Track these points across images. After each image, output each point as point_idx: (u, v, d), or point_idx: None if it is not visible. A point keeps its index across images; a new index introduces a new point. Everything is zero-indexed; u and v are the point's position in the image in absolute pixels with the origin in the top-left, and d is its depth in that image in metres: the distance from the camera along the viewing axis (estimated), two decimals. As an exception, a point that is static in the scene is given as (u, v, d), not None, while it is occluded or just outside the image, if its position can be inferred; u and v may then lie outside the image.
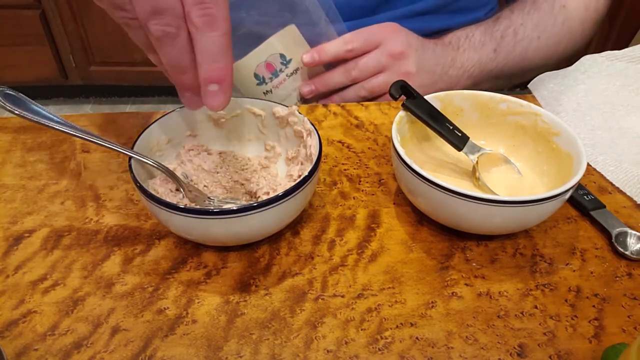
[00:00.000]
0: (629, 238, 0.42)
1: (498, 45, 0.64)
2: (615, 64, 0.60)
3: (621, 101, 0.57)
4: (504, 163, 0.48)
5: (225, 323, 0.36)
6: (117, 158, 0.51)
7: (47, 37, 1.81)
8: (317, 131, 0.42)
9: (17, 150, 0.52)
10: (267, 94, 0.63)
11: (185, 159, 0.46)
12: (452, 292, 0.39)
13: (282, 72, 0.62)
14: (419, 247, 0.42)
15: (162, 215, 0.37)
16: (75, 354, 0.34)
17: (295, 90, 0.64)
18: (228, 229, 0.36)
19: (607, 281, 0.40)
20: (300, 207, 0.40)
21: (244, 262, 0.41)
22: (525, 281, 0.40)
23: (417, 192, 0.41)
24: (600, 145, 0.52)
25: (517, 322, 0.37)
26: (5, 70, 1.89)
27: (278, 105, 0.45)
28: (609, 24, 1.75)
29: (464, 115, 0.49)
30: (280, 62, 0.62)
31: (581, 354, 0.35)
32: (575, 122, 0.55)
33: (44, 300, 0.38)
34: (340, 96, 0.64)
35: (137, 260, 0.41)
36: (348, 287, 0.39)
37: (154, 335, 0.35)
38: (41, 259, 0.41)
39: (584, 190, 0.46)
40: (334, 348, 0.35)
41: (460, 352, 0.35)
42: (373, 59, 0.61)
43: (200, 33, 0.34)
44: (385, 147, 0.53)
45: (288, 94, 0.64)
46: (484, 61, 0.64)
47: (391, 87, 0.45)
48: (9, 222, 0.44)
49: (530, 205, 0.37)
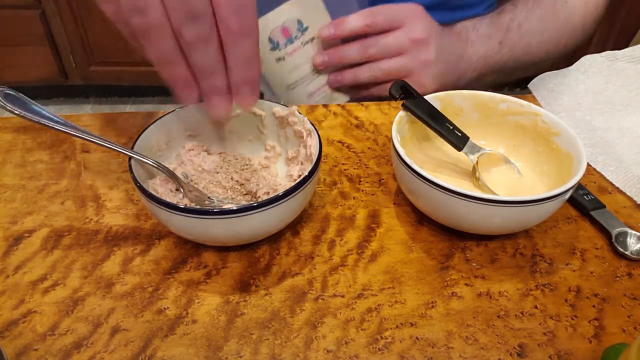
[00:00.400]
0: (629, 238, 0.42)
1: (504, 37, 0.64)
2: (616, 63, 0.60)
3: (621, 101, 0.57)
4: (504, 163, 0.48)
5: (225, 323, 0.36)
6: (117, 158, 0.51)
7: (47, 37, 1.81)
8: (317, 131, 0.42)
9: (17, 150, 0.52)
10: (280, 61, 0.61)
11: (185, 159, 0.46)
12: (452, 292, 0.39)
13: (297, 39, 0.60)
14: (419, 247, 0.42)
15: (162, 215, 0.37)
16: (75, 354, 0.34)
17: (309, 61, 0.62)
18: (228, 229, 0.36)
19: (607, 281, 0.40)
20: (300, 207, 0.40)
21: (244, 262, 0.41)
22: (525, 281, 0.40)
23: (417, 192, 0.41)
24: (600, 145, 0.52)
25: (517, 322, 0.37)
26: (5, 70, 1.89)
27: (278, 105, 0.45)
28: (609, 24, 1.75)
29: (464, 115, 0.49)
30: (297, 29, 0.60)
31: (581, 354, 0.35)
32: (575, 122, 0.55)
33: (44, 300, 0.38)
34: (354, 73, 0.62)
35: (137, 260, 0.41)
36: (348, 287, 0.39)
37: (154, 335, 0.35)
38: (41, 259, 0.41)
39: (584, 190, 0.46)
40: (334, 348, 0.35)
41: (460, 352, 0.35)
42: (395, 40, 0.59)
43: (235, 39, 0.36)
44: (385, 147, 0.53)
45: (301, 64, 0.62)
46: (490, 54, 0.63)
47: (391, 87, 0.45)
48: (9, 222, 0.44)
49: (530, 205, 0.37)
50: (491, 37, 0.63)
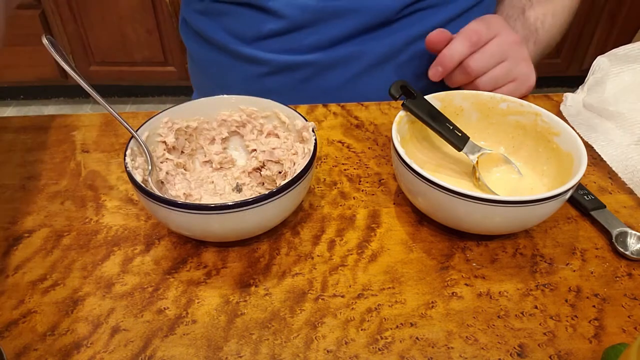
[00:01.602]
0: (629, 238, 0.42)
1: (537, 38, 0.65)
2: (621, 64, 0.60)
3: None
4: (504, 163, 0.48)
5: (225, 323, 0.36)
6: (117, 158, 0.51)
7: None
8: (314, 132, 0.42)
9: (17, 150, 0.52)
10: None
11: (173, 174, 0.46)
12: (452, 292, 0.39)
13: None
14: (419, 247, 0.42)
15: (160, 212, 0.37)
16: (75, 354, 0.34)
17: None
18: (226, 224, 0.37)
19: (607, 281, 0.40)
20: (296, 202, 0.41)
21: (244, 262, 0.41)
22: (526, 281, 0.39)
23: (417, 192, 0.41)
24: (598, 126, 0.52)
25: (517, 322, 0.37)
26: (5, 70, 1.88)
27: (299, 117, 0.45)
28: (610, 23, 1.75)
29: (464, 115, 0.49)
30: None
31: (581, 354, 0.35)
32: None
33: (44, 300, 0.38)
34: (475, 87, 0.60)
35: (137, 260, 0.41)
36: (348, 287, 0.39)
37: (154, 335, 0.35)
38: (41, 259, 0.41)
39: (584, 190, 0.46)
40: (334, 348, 0.35)
41: (460, 352, 0.35)
42: (499, 47, 0.57)
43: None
44: (385, 147, 0.53)
45: None
46: (530, 55, 0.64)
47: (391, 87, 0.45)
48: (9, 222, 0.44)
49: (530, 205, 0.37)
50: (528, 38, 0.65)
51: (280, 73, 0.66)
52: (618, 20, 1.74)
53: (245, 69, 0.66)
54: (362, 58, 0.64)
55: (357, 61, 0.64)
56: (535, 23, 0.65)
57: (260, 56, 0.64)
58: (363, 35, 0.63)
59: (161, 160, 0.44)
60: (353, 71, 0.65)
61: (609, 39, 1.78)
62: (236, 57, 0.66)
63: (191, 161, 0.47)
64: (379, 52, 0.64)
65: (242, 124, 0.47)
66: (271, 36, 0.63)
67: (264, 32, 0.63)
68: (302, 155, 0.43)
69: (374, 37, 0.63)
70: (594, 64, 0.61)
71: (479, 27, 0.57)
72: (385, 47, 0.64)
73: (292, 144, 0.45)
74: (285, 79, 0.66)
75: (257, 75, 0.66)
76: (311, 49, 0.63)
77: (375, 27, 0.63)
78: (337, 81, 0.66)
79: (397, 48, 0.64)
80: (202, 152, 0.48)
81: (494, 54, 0.58)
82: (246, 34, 0.64)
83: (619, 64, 0.59)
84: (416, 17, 0.64)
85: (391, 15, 0.62)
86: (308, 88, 0.67)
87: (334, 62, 0.64)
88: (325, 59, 0.64)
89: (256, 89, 0.66)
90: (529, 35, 0.65)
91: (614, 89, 0.58)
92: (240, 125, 0.47)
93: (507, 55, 0.58)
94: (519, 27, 0.65)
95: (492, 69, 0.58)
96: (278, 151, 0.45)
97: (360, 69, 0.65)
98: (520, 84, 0.59)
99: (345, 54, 0.64)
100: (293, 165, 0.43)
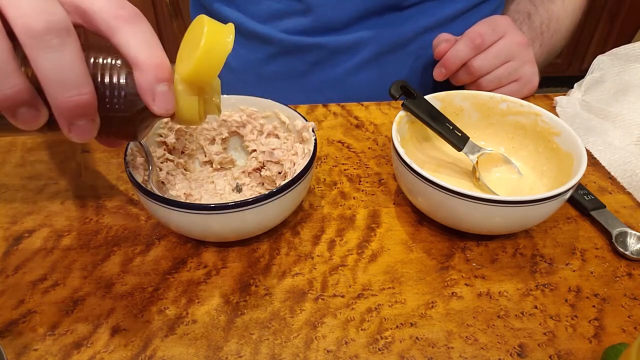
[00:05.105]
0: (629, 238, 0.42)
1: (542, 41, 0.66)
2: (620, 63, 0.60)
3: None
4: (504, 163, 0.48)
5: (225, 323, 0.36)
6: (117, 158, 0.51)
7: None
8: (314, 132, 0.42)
9: (17, 150, 0.52)
10: None
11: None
12: (452, 292, 0.39)
13: None
14: (419, 247, 0.42)
15: (160, 213, 0.37)
16: (75, 354, 0.34)
17: None
18: (226, 224, 0.37)
19: (607, 281, 0.40)
20: (297, 200, 0.41)
21: (244, 262, 0.41)
22: (525, 281, 0.39)
23: (417, 192, 0.41)
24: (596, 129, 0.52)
25: (517, 322, 0.37)
26: (5, 70, 1.88)
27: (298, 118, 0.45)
28: (610, 23, 1.75)
29: (464, 115, 0.49)
30: None
31: (581, 354, 0.35)
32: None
33: (44, 300, 0.38)
34: (477, 86, 0.61)
35: (137, 260, 0.41)
36: (348, 287, 0.39)
37: (154, 335, 0.35)
38: (41, 259, 0.41)
39: (584, 190, 0.46)
40: (334, 348, 0.35)
41: (460, 352, 0.35)
42: (505, 47, 0.58)
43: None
44: (385, 147, 0.53)
45: None
46: (536, 57, 0.64)
47: (391, 87, 0.45)
48: (9, 222, 0.44)
49: (530, 205, 0.37)
50: (535, 41, 0.65)
51: (290, 55, 0.66)
52: (618, 20, 1.75)
53: (255, 49, 0.66)
54: (372, 44, 0.65)
55: (367, 47, 0.65)
56: (541, 27, 0.66)
57: (273, 34, 0.64)
58: (374, 19, 0.63)
59: (161, 161, 0.44)
60: (362, 57, 0.65)
61: (609, 39, 1.78)
62: (247, 36, 0.66)
63: (191, 161, 0.47)
64: (388, 39, 0.65)
65: (242, 124, 0.47)
66: (286, 15, 0.63)
67: (280, 10, 0.63)
68: (302, 155, 0.43)
69: (384, 24, 0.64)
70: (594, 63, 0.61)
71: (484, 29, 0.57)
72: (395, 36, 0.64)
73: (292, 145, 0.45)
74: (294, 61, 0.66)
75: (266, 56, 0.66)
76: (324, 29, 0.64)
77: (387, 9, 0.63)
78: (346, 67, 0.66)
79: (407, 38, 0.65)
80: (202, 153, 0.48)
81: (499, 55, 0.58)
82: (261, 12, 0.64)
83: (619, 64, 0.60)
84: (426, 6, 0.64)
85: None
86: (315, 74, 0.67)
87: (344, 46, 0.65)
88: (335, 43, 0.65)
89: (264, 72, 0.66)
90: (535, 37, 0.65)
91: (613, 89, 0.58)
92: (240, 126, 0.47)
93: (513, 55, 0.59)
94: (525, 30, 0.65)
95: (496, 69, 0.59)
96: (278, 152, 0.45)
97: (370, 56, 0.65)
98: (523, 85, 0.60)
99: (355, 39, 0.64)
100: (293, 165, 0.43)
